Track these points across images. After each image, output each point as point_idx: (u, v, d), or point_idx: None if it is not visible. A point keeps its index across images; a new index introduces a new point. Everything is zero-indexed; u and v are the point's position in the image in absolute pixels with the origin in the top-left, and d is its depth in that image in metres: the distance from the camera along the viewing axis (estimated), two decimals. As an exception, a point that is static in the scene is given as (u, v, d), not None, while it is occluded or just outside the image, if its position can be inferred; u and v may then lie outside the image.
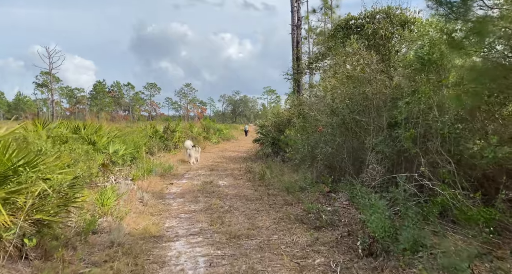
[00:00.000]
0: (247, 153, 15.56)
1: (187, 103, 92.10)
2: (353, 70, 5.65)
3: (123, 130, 13.71)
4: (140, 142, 10.63)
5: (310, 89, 9.33)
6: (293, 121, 9.08)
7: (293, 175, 8.51)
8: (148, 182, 8.13)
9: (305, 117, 9.34)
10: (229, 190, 7.25)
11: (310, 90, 9.29)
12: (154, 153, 13.01)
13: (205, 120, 28.26)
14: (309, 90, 9.25)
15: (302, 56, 15.97)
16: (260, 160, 12.01)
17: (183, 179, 9.00)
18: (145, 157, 10.56)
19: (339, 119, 5.62)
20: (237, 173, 9.73)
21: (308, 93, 9.79)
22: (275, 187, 7.33)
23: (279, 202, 6.01)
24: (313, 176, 7.34)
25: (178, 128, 15.99)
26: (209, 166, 11.28)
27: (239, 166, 11.03)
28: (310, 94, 8.48)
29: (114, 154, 8.24)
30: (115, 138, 9.49)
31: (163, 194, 7.00)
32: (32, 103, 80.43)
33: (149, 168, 9.03)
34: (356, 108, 5.18)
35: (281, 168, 9.77)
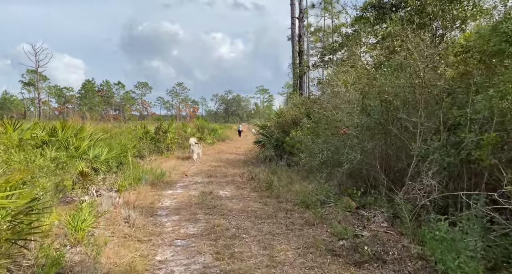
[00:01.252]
0: (246, 155, 14.43)
1: (179, 102, 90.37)
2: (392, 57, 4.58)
3: (110, 131, 12.47)
4: (128, 144, 9.42)
5: (321, 85, 8.25)
6: (303, 121, 7.99)
7: (304, 184, 7.43)
8: (137, 192, 6.95)
9: (312, 117, 8.26)
10: (233, 203, 6.12)
11: (321, 86, 8.21)
12: (144, 156, 11.79)
13: (198, 120, 27.01)
14: (321, 86, 8.16)
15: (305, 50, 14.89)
16: (262, 164, 10.90)
17: (178, 187, 7.84)
18: (134, 161, 9.37)
19: (371, 120, 4.54)
20: (238, 180, 8.60)
21: (319, 90, 8.73)
22: (286, 199, 6.23)
23: (297, 221, 4.90)
24: (332, 186, 6.26)
25: (171, 129, 14.77)
26: (206, 171, 10.12)
27: (239, 171, 9.90)
28: (324, 90, 7.39)
29: (95, 159, 7.03)
30: (98, 140, 8.27)
31: (154, 209, 5.84)
32: (19, 102, 77.88)
33: (138, 176, 7.84)
34: (400, 106, 4.11)
35: (288, 174, 8.68)
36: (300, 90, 14.23)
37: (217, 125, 29.82)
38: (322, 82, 8.16)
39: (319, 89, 8.75)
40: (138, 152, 11.56)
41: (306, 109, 10.22)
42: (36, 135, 7.72)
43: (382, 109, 4.43)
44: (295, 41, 16.68)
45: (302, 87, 14.27)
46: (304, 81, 14.33)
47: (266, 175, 8.69)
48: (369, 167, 5.16)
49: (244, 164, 11.42)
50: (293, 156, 10.25)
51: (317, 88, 9.65)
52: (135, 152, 10.98)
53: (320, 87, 8.29)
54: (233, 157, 14.16)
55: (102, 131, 11.19)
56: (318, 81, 8.53)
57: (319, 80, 8.39)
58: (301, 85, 14.34)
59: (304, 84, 14.38)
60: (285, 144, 10.12)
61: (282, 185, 7.24)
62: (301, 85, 14.32)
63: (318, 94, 11.68)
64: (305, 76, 14.39)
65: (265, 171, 9.36)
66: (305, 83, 14.45)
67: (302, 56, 14.25)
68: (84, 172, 6.02)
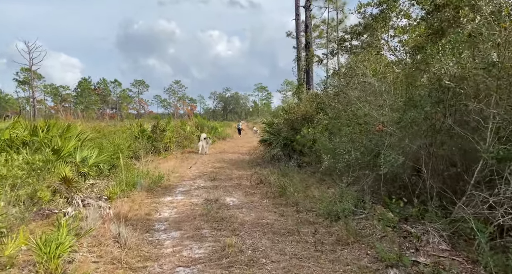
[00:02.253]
0: (250, 154, 13.52)
1: (176, 100, 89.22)
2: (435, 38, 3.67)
3: (103, 130, 11.53)
4: (122, 144, 8.49)
5: (337, 76, 7.33)
6: (318, 117, 7.08)
7: (323, 188, 6.55)
8: (131, 201, 6.03)
9: (330, 112, 7.35)
10: (244, 213, 5.21)
11: (338, 77, 7.29)
12: (140, 157, 10.85)
13: (196, 118, 26.02)
14: (338, 77, 7.24)
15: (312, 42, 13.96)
16: (270, 165, 10.00)
17: (178, 193, 6.92)
18: (128, 163, 8.45)
19: (420, 113, 3.63)
20: (246, 183, 7.69)
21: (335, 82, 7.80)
22: (306, 207, 5.33)
23: (326, 239, 4.00)
24: (358, 192, 5.37)
25: (169, 127, 13.83)
26: (209, 173, 9.19)
27: (246, 173, 8.99)
28: (344, 81, 6.48)
29: (82, 162, 6.10)
30: (87, 140, 7.33)
31: (150, 222, 4.92)
32: (15, 101, 76.63)
33: (132, 180, 6.92)
34: (468, 93, 3.19)
35: (301, 176, 7.77)
36: (308, 85, 13.31)
37: (217, 124, 28.88)
38: (339, 73, 7.24)
39: (342, 79, 7.79)
40: (133, 152, 10.62)
41: (318, 104, 9.31)
42: (17, 135, 6.79)
43: (436, 99, 3.52)
44: (300, 33, 15.74)
45: (309, 82, 13.35)
46: (311, 75, 13.42)
47: (276, 177, 7.79)
48: (410, 171, 4.26)
49: (249, 165, 10.51)
50: (303, 155, 9.36)
51: (321, 84, 8.73)
52: (130, 153, 10.05)
53: (337, 78, 7.36)
54: (237, 156, 13.24)
55: (94, 131, 10.27)
56: (334, 72, 7.60)
57: (335, 70, 7.46)
58: (308, 79, 13.41)
59: (311, 78, 13.47)
60: (295, 143, 9.21)
61: (297, 189, 6.34)
62: (308, 79, 13.40)
63: (319, 89, 10.77)
64: (312, 69, 13.47)
65: (274, 173, 8.45)
66: (312, 78, 13.54)
67: (309, 47, 13.33)
68: (67, 178, 5.09)
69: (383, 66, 5.53)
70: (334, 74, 7.61)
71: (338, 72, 7.09)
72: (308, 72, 13.30)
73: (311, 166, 8.75)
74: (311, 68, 13.36)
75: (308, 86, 13.21)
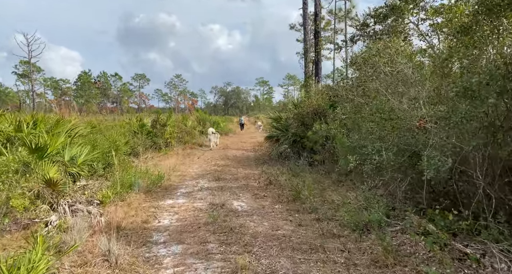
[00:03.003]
0: (255, 151, 12.82)
1: (177, 95, 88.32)
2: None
3: (99, 124, 10.84)
4: (119, 141, 7.79)
5: (356, 65, 6.58)
6: (335, 112, 6.35)
7: (341, 191, 5.87)
8: (127, 205, 5.37)
9: (349, 106, 6.62)
10: (255, 222, 4.52)
11: (357, 66, 6.54)
12: (139, 154, 10.17)
13: (197, 112, 25.27)
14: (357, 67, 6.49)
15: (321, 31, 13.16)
16: (278, 163, 9.31)
17: (179, 195, 6.24)
18: (126, 161, 7.77)
19: (481, 106, 2.92)
20: (254, 184, 7.00)
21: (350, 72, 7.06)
22: (326, 215, 4.64)
23: (358, 258, 3.31)
24: (386, 197, 4.68)
25: (170, 122, 13.12)
26: (213, 172, 8.51)
27: (253, 172, 8.31)
28: (366, 71, 5.74)
29: (71, 162, 5.42)
30: (79, 136, 6.64)
31: (147, 233, 4.25)
32: (15, 95, 75.97)
33: (129, 181, 6.24)
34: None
35: (314, 177, 7.09)
36: (317, 77, 12.56)
37: (219, 118, 28.16)
38: (362, 61, 6.49)
39: (364, 70, 7.04)
40: (131, 148, 9.94)
41: (331, 97, 8.58)
42: (1, 130, 6.12)
43: (500, 89, 2.80)
44: (307, 22, 14.92)
45: (318, 74, 12.60)
46: (320, 67, 12.66)
47: (287, 178, 7.11)
48: (458, 177, 3.55)
49: (255, 163, 9.82)
50: (315, 153, 8.66)
51: (329, 76, 7.96)
52: (127, 149, 9.37)
53: (356, 68, 6.61)
54: (241, 153, 12.54)
55: (89, 125, 9.60)
56: (352, 61, 6.84)
57: (353, 59, 6.70)
58: (317, 71, 12.66)
59: (320, 70, 12.71)
60: (306, 140, 8.51)
61: (313, 193, 5.66)
62: (317, 71, 12.64)
63: (328, 81, 10.03)
64: (320, 62, 12.70)
65: (284, 173, 7.77)
66: (321, 69, 12.80)
67: (318, 37, 12.54)
68: (51, 181, 4.41)
69: (414, 53, 4.81)
70: (352, 64, 6.86)
71: (361, 60, 6.33)
72: (317, 64, 12.54)
73: (324, 164, 8.06)
74: (320, 59, 12.59)
75: (317, 78, 12.46)
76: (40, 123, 6.38)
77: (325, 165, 7.94)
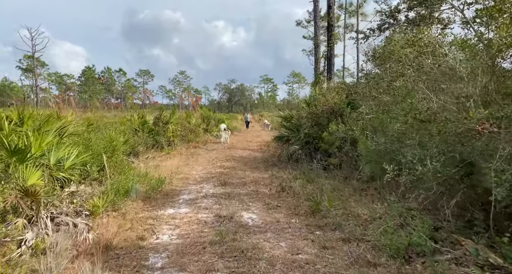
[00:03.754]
0: (262, 151, 12.11)
1: (181, 91, 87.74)
2: None
3: (98, 121, 10.18)
4: (116, 140, 7.10)
5: (379, 59, 5.84)
6: (358, 112, 5.61)
7: (365, 202, 5.14)
8: (121, 215, 4.69)
9: (373, 104, 5.88)
10: (271, 242, 3.82)
11: (380, 61, 5.80)
12: (139, 154, 9.51)
13: (201, 109, 24.58)
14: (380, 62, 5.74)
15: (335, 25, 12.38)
16: (288, 165, 8.59)
17: (182, 203, 5.56)
18: (124, 162, 7.10)
19: None
20: (265, 191, 6.29)
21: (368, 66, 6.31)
22: (354, 234, 3.92)
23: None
24: (426, 213, 3.95)
25: (173, 119, 12.43)
26: (218, 175, 7.81)
27: (262, 176, 7.60)
28: (389, 67, 4.99)
29: (57, 165, 4.74)
30: (70, 135, 5.97)
31: (143, 254, 3.56)
32: (19, 89, 75.88)
33: (125, 186, 5.57)
34: None
35: (331, 183, 6.38)
36: (329, 74, 11.80)
37: (224, 116, 27.46)
38: (382, 55, 5.75)
39: (375, 66, 6.32)
40: (131, 148, 9.28)
41: (348, 95, 7.84)
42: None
43: None
44: (318, 16, 14.13)
45: (331, 70, 11.83)
46: (333, 62, 11.88)
47: (301, 184, 6.40)
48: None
49: (264, 165, 9.11)
50: (329, 156, 7.94)
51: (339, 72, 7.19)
52: (127, 149, 8.71)
53: (380, 62, 5.87)
54: (247, 153, 11.83)
55: (87, 122, 8.93)
56: (374, 55, 6.08)
57: (376, 52, 5.94)
58: (329, 67, 11.89)
59: (333, 66, 11.93)
60: (320, 141, 7.78)
61: (333, 203, 4.94)
62: (330, 67, 11.87)
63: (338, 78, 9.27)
64: (333, 57, 11.92)
65: (296, 177, 7.07)
66: (334, 65, 12.01)
67: (332, 31, 11.76)
68: (30, 190, 3.73)
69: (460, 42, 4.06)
70: (375, 58, 6.11)
71: (386, 52, 5.58)
72: (330, 59, 11.77)
73: (341, 169, 7.33)
74: (333, 54, 11.81)
75: (329, 75, 11.70)
76: (28, 120, 5.71)
77: (342, 169, 7.21)
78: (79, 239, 3.66)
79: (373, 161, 5.37)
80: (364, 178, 5.74)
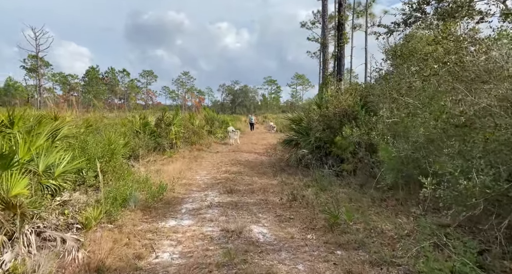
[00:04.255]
0: (269, 155, 11.62)
1: (185, 92, 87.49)
2: None
3: (97, 122, 9.75)
4: (115, 143, 6.65)
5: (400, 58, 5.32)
6: (380, 115, 5.09)
7: (387, 214, 4.64)
8: (117, 228, 4.22)
9: (396, 106, 5.37)
10: (286, 264, 3.31)
11: (399, 61, 5.28)
12: (139, 157, 9.06)
13: (205, 110, 24.12)
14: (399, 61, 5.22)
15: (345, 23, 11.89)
16: (298, 171, 8.09)
17: (185, 214, 5.08)
18: (123, 168, 6.65)
19: None
20: (274, 199, 5.79)
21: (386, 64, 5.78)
22: (381, 256, 3.40)
23: None
24: (460, 231, 3.44)
25: (176, 121, 11.98)
26: (224, 181, 7.33)
27: (270, 183, 7.11)
28: (408, 66, 4.48)
29: (46, 173, 4.28)
30: (64, 138, 5.53)
31: (139, 277, 3.08)
32: (24, 89, 76.02)
33: (123, 194, 5.10)
34: None
35: (346, 192, 5.89)
36: (339, 75, 11.29)
37: (228, 117, 27.00)
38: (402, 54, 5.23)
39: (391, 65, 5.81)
40: (132, 151, 8.82)
41: (363, 97, 7.33)
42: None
43: None
44: (326, 15, 13.64)
45: (341, 71, 11.32)
46: (343, 63, 11.39)
47: (314, 192, 5.91)
48: None
49: (271, 170, 8.61)
50: (341, 161, 7.44)
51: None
52: (127, 152, 8.26)
53: (401, 60, 5.36)
54: (253, 157, 11.34)
55: (86, 124, 8.50)
56: (395, 52, 5.56)
57: (396, 49, 5.43)
58: (339, 68, 11.38)
59: (343, 67, 11.43)
60: (333, 146, 7.28)
61: (351, 215, 4.44)
62: (340, 68, 11.37)
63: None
64: (343, 57, 11.42)
65: (308, 184, 6.59)
66: (344, 66, 11.50)
67: (342, 30, 11.26)
68: (12, 203, 3.26)
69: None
70: (396, 56, 5.61)
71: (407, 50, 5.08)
72: (340, 60, 11.27)
73: (355, 176, 6.83)
74: (343, 54, 11.31)
75: (339, 76, 11.20)
76: (19, 121, 5.26)
77: (357, 176, 6.71)
78: (66, 259, 3.18)
79: (395, 169, 4.86)
80: (384, 186, 5.22)
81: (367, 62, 18.55)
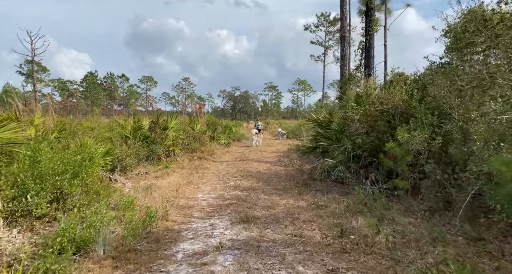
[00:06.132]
0: (284, 165, 9.77)
1: (184, 98, 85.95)
2: None
3: (77, 125, 7.99)
4: (90, 152, 4.84)
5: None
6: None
7: (502, 269, 2.79)
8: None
9: (426, 103, 3.60)
10: None
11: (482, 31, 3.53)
12: (128, 169, 7.25)
13: (205, 116, 22.36)
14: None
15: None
16: (328, 186, 6.27)
17: (179, 264, 3.24)
18: (100, 185, 4.86)
19: None
20: (313, 235, 3.95)
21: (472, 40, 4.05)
22: None
23: None
24: None
25: (173, 124, 10.19)
26: (235, 202, 5.50)
27: (297, 204, 5.29)
28: None
29: None
30: (13, 145, 3.75)
31: None
32: (22, 95, 74.38)
33: (85, 234, 3.29)
34: None
35: (412, 222, 4.07)
36: (367, 69, 9.55)
37: (230, 123, 25.23)
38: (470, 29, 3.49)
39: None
40: (117, 160, 7.02)
41: (420, 89, 5.55)
42: None
43: None
44: (346, 3, 11.96)
45: (370, 64, 9.56)
46: (372, 55, 9.62)
47: (367, 223, 4.08)
48: None
49: (292, 184, 6.78)
50: (390, 174, 5.65)
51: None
52: (110, 162, 6.49)
53: (474, 34, 3.61)
54: (265, 167, 9.50)
55: (58, 128, 6.74)
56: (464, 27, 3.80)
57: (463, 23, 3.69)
58: (368, 61, 9.63)
59: (372, 59, 9.67)
60: (380, 154, 5.47)
61: (425, 262, 2.62)
62: (369, 61, 9.61)
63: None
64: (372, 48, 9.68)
65: (352, 209, 4.76)
66: (373, 58, 9.73)
67: (371, 16, 9.51)
68: None
69: None
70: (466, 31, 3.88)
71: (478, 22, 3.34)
72: (369, 51, 9.52)
73: (415, 196, 5.02)
74: (373, 44, 9.57)
75: (367, 70, 9.45)
76: None
77: (421, 196, 4.89)
78: None
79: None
80: (495, 221, 3.41)
81: (387, 59, 16.80)
